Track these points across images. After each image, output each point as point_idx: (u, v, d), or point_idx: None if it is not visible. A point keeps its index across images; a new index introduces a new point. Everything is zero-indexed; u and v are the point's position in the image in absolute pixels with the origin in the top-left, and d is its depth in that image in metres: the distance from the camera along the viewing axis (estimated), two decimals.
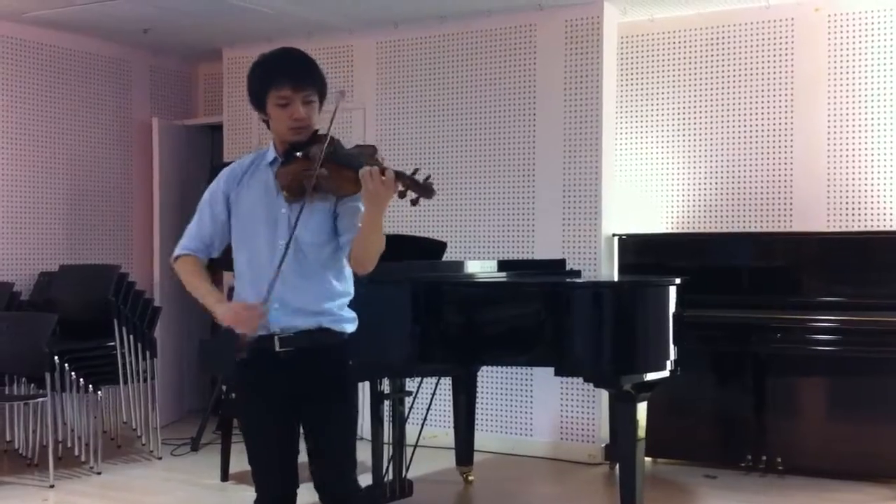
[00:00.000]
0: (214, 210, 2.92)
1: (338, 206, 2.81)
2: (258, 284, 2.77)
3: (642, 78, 6.14)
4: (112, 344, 5.89)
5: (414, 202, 2.65)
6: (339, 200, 2.79)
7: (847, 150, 5.62)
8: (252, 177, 2.90)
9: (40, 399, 5.55)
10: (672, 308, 4.13)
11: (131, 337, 5.95)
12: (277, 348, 2.80)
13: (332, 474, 2.86)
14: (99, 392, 5.80)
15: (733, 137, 5.89)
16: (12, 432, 5.92)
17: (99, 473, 5.62)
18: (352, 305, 2.93)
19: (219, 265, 7.08)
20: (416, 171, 2.64)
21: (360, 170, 2.64)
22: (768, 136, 5.80)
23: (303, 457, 2.91)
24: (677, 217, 6.03)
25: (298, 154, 2.79)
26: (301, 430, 2.90)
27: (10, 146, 6.44)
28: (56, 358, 5.48)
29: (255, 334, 2.75)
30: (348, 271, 2.92)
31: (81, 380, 5.67)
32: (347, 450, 2.89)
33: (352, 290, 2.94)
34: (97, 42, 6.93)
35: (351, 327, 2.90)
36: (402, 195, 2.63)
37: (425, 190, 2.61)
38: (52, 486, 5.31)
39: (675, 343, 4.10)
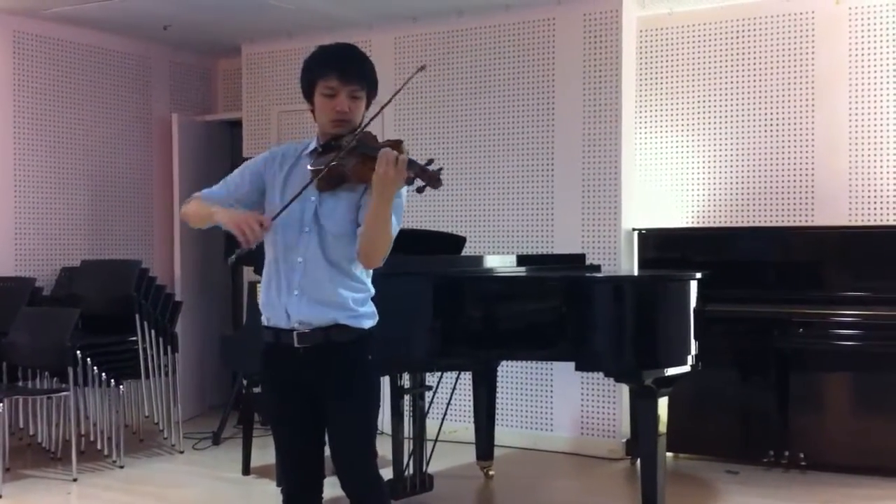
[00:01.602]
0: (243, 175, 2.96)
1: (362, 198, 2.82)
2: (286, 272, 2.82)
3: (662, 72, 6.11)
4: (134, 339, 5.93)
5: (420, 190, 2.65)
6: (366, 191, 2.79)
7: (868, 143, 5.57)
8: (295, 166, 2.91)
9: (63, 393, 5.59)
10: (693, 303, 4.12)
11: (153, 332, 6.00)
12: (296, 344, 2.83)
13: (348, 467, 2.88)
14: (121, 386, 5.83)
15: (754, 131, 5.86)
16: (35, 426, 5.95)
17: (121, 467, 5.66)
18: (372, 300, 2.95)
19: (246, 263, 7.10)
20: (430, 161, 2.66)
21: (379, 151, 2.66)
22: (789, 129, 5.77)
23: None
24: (698, 211, 6.01)
25: (333, 143, 2.83)
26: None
27: (30, 142, 6.48)
28: (78, 352, 5.52)
29: (249, 247, 2.69)
30: None
31: (103, 374, 5.72)
32: (364, 444, 2.90)
33: (372, 286, 2.96)
34: (117, 38, 6.96)
35: (369, 322, 2.90)
36: (409, 181, 2.63)
37: (433, 179, 2.62)
38: (75, 480, 5.36)
39: (696, 338, 4.09)
